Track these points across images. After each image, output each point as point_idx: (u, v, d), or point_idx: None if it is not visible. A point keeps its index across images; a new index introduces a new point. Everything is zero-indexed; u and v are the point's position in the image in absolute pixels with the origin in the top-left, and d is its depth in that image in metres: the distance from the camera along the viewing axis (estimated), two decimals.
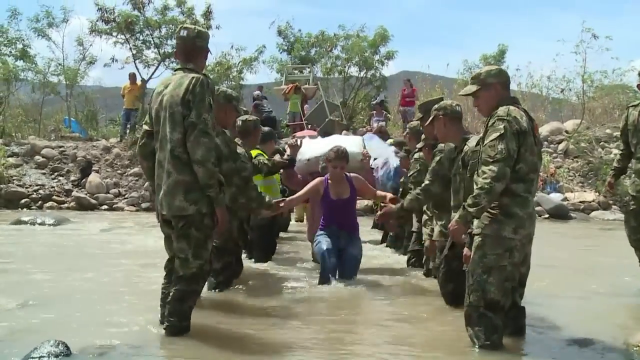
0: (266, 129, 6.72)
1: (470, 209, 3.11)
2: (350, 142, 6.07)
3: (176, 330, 3.28)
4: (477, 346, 3.17)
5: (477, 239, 3.20)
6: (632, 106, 5.22)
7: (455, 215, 3.42)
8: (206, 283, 4.55)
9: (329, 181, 5.17)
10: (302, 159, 5.98)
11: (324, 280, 4.89)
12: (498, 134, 3.10)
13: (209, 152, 3.19)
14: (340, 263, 5.02)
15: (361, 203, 12.67)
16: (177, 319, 3.28)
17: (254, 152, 5.74)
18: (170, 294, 3.32)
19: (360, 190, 5.27)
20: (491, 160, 3.07)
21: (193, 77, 3.26)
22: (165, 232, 3.50)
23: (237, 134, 4.83)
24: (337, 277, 4.94)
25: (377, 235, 8.40)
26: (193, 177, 3.23)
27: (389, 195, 5.25)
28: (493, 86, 3.34)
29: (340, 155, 5.05)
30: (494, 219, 3.15)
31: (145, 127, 3.54)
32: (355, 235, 5.25)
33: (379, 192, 5.42)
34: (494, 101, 3.32)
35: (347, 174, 5.22)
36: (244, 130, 4.93)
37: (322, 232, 5.19)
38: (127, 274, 5.41)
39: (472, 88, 3.40)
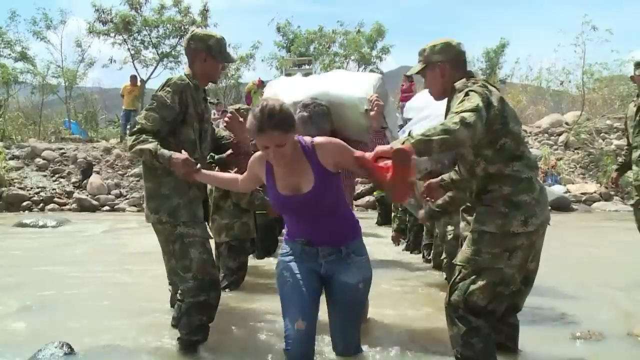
0: None
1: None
2: (353, 81, 3.51)
3: (186, 344, 3.15)
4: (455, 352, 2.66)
5: (474, 234, 2.65)
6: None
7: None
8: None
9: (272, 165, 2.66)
10: None
11: None
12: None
13: (141, 152, 2.96)
14: (328, 310, 2.83)
15: (361, 200, 12.20)
16: (185, 331, 3.16)
17: None
18: (180, 307, 3.21)
19: (338, 165, 2.61)
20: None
21: (168, 79, 3.15)
22: None
23: None
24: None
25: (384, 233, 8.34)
26: (154, 185, 3.12)
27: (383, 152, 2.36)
28: (439, 66, 2.77)
29: (265, 120, 2.41)
30: (498, 212, 2.58)
31: None
32: (351, 245, 2.75)
33: (358, 153, 2.52)
34: (441, 83, 2.79)
35: (304, 141, 2.61)
36: None
37: (285, 255, 2.85)
38: (130, 274, 5.41)
39: (417, 67, 2.86)
